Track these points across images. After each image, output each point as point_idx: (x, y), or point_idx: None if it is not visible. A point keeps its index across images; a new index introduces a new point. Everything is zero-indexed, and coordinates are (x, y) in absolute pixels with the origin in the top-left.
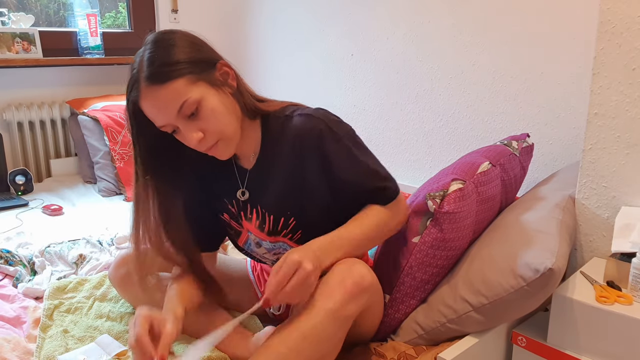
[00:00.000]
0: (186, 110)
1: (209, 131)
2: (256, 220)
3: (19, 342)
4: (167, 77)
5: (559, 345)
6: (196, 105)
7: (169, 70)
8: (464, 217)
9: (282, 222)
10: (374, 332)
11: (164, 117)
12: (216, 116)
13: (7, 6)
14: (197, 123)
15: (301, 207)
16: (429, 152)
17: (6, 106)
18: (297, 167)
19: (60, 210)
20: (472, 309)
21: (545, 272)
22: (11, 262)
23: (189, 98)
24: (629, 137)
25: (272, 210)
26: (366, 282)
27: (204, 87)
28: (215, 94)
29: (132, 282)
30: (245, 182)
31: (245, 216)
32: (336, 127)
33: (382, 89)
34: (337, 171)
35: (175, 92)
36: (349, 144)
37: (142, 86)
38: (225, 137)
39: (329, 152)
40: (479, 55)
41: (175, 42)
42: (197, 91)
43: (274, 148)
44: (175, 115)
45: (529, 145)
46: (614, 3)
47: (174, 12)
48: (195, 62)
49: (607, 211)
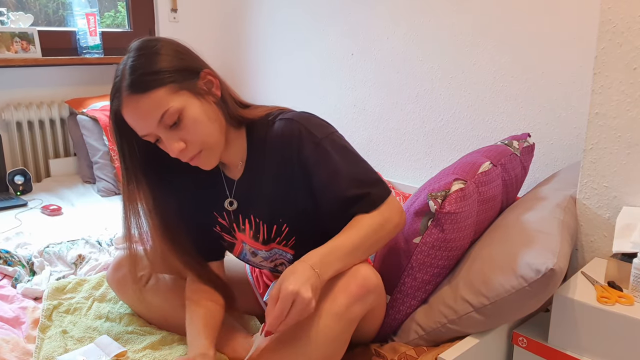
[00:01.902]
0: (167, 120)
1: (190, 141)
2: (249, 230)
3: (18, 343)
4: (148, 86)
5: (560, 345)
6: (177, 114)
7: (151, 80)
8: (465, 217)
9: (275, 229)
10: (376, 333)
11: (146, 127)
12: (198, 126)
13: (6, 5)
14: (178, 133)
15: (292, 214)
16: (429, 152)
17: (5, 106)
18: (282, 173)
19: (59, 210)
20: (473, 309)
21: (546, 272)
22: (10, 262)
23: (170, 108)
24: (630, 137)
25: (265, 218)
26: (370, 284)
27: (186, 96)
28: (198, 103)
29: (130, 284)
30: (233, 192)
31: (238, 227)
32: (315, 130)
33: (382, 89)
34: (314, 176)
35: (156, 102)
36: (328, 148)
37: (124, 95)
38: (208, 146)
39: (307, 156)
40: (480, 55)
41: (159, 50)
42: (179, 100)
43: (259, 156)
44: (156, 125)
45: (529, 145)
46: (615, 3)
47: (174, 11)
48: (178, 71)
49: (608, 211)
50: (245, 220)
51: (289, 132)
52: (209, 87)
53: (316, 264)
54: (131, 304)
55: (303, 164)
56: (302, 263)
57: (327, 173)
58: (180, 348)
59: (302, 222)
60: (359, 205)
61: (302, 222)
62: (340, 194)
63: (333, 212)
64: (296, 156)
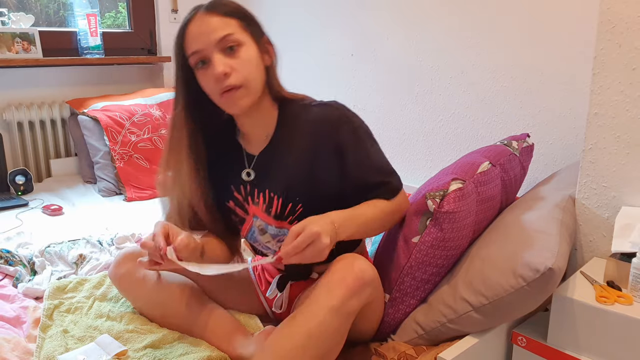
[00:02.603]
0: (226, 43)
1: (237, 71)
2: (263, 204)
3: (19, 342)
4: (225, 11)
5: (559, 345)
6: (237, 44)
7: (229, 9)
8: (463, 216)
9: (289, 207)
10: (375, 331)
11: (205, 41)
12: (248, 64)
13: (7, 6)
14: (229, 61)
15: (310, 195)
16: (429, 152)
17: (6, 106)
18: (310, 154)
19: (60, 210)
20: (472, 309)
21: (545, 272)
22: (11, 262)
23: (234, 34)
24: (629, 137)
25: (281, 194)
26: (367, 277)
27: (250, 38)
28: (256, 50)
29: (132, 280)
30: (253, 165)
31: (253, 200)
32: (354, 118)
33: (382, 89)
34: (349, 159)
35: (226, 24)
36: (364, 135)
37: (199, 12)
38: (248, 86)
39: (344, 140)
40: (479, 55)
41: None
42: (243, 36)
43: (288, 133)
44: (215, 43)
45: (529, 145)
46: (614, 3)
47: (174, 12)
48: (252, 21)
49: (607, 211)
50: (260, 194)
51: (330, 115)
52: (266, 48)
53: (336, 221)
54: (132, 300)
55: (339, 144)
56: (325, 217)
57: (359, 156)
58: (181, 347)
59: (318, 204)
60: (380, 191)
61: (318, 204)
62: (367, 177)
63: (355, 193)
64: (335, 136)
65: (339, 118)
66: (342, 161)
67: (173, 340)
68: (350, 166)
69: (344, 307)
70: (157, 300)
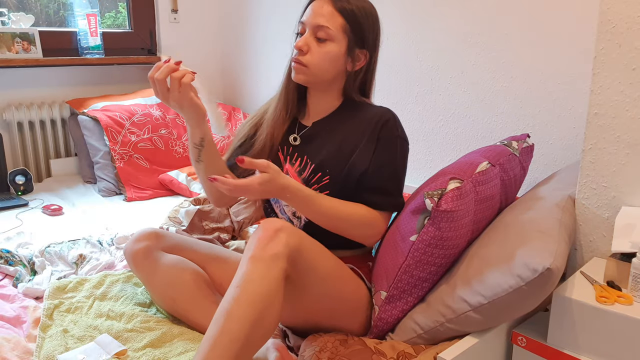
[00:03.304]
0: (319, 30)
1: (312, 54)
2: (298, 166)
3: (19, 342)
4: (341, 7)
5: (559, 345)
6: (327, 38)
7: (346, 8)
8: (461, 215)
9: (318, 176)
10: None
11: (309, 19)
12: (325, 57)
13: (7, 6)
14: (314, 44)
15: (340, 172)
16: (428, 152)
17: (6, 106)
18: (354, 138)
19: (60, 210)
20: (471, 308)
21: (543, 272)
22: (11, 262)
23: (331, 29)
24: (629, 137)
25: (316, 161)
26: (278, 225)
27: (344, 40)
28: (344, 52)
29: (147, 259)
30: (302, 133)
31: (290, 161)
32: (400, 129)
33: (382, 89)
34: (375, 156)
35: (332, 17)
36: (399, 147)
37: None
38: (313, 72)
39: (382, 137)
40: (479, 55)
41: (370, 12)
42: (339, 35)
43: (341, 118)
44: (314, 25)
45: (529, 145)
46: (614, 3)
47: (174, 12)
48: (360, 30)
49: (607, 211)
50: (298, 158)
51: (383, 114)
52: (357, 57)
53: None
54: (144, 280)
55: (377, 139)
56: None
57: (384, 158)
58: (181, 344)
59: (341, 180)
60: (376, 197)
61: (341, 180)
62: (377, 180)
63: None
64: (378, 131)
65: (389, 120)
66: (372, 153)
67: (172, 338)
68: (372, 161)
69: (262, 252)
70: (169, 282)
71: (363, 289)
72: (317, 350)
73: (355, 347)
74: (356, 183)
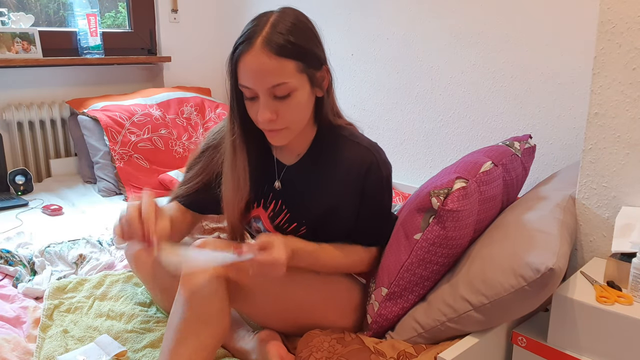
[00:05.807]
0: (278, 91)
1: (283, 117)
2: (271, 211)
3: (18, 342)
4: (284, 52)
5: (559, 345)
6: (289, 92)
7: (289, 49)
8: (466, 215)
9: (294, 226)
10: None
11: (256, 83)
12: (298, 109)
13: (7, 6)
14: (277, 105)
15: (320, 223)
16: (428, 152)
17: (6, 106)
18: (336, 187)
19: (60, 210)
20: (472, 308)
21: (546, 272)
22: (11, 262)
23: (289, 82)
24: (629, 137)
25: (292, 211)
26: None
27: (304, 80)
28: (309, 90)
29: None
30: (282, 175)
31: (264, 205)
32: (383, 167)
33: (382, 89)
34: (364, 203)
35: (281, 70)
36: (385, 186)
37: (257, 44)
38: (293, 127)
39: (369, 186)
40: (479, 55)
41: (309, 28)
42: (298, 80)
43: (319, 156)
44: (266, 88)
45: (531, 146)
46: (614, 3)
47: (174, 12)
48: (312, 55)
49: (608, 211)
50: (272, 202)
51: (365, 158)
52: (321, 81)
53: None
54: (145, 281)
55: (363, 186)
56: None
57: (374, 204)
58: None
59: (319, 232)
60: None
61: (319, 232)
62: (369, 222)
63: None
64: (362, 179)
65: (371, 164)
66: (358, 199)
67: None
68: (362, 209)
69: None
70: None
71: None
72: (313, 350)
73: (354, 347)
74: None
